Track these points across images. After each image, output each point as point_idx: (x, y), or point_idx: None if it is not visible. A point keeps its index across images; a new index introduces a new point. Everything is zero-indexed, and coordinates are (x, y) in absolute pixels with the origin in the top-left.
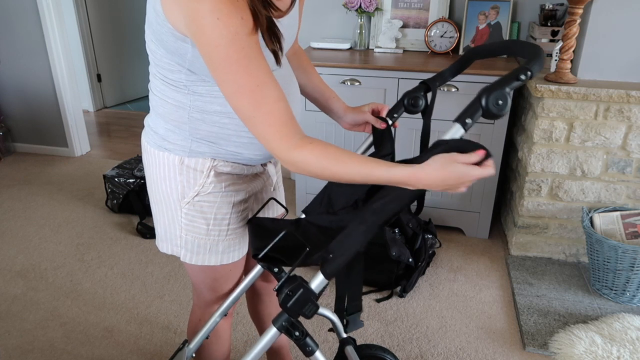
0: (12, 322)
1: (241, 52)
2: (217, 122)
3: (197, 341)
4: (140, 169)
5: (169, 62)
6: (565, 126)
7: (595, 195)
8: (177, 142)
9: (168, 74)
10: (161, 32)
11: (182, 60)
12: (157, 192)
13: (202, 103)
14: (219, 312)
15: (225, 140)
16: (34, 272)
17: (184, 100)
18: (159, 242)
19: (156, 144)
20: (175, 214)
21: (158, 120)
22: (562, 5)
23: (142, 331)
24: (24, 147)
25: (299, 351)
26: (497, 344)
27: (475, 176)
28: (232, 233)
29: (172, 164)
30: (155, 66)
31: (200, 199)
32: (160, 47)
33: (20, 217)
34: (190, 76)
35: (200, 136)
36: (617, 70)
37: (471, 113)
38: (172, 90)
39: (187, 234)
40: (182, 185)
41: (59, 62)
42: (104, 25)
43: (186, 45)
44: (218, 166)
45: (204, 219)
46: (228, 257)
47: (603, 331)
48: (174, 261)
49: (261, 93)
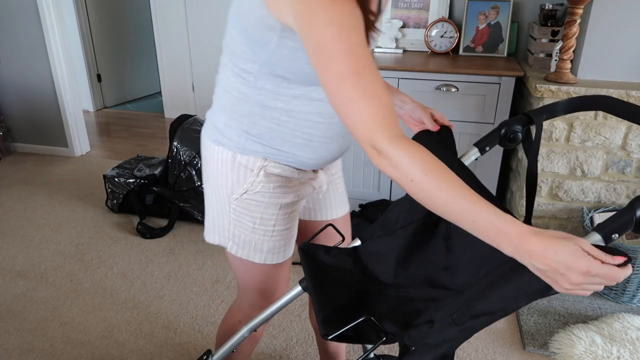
0: (12, 322)
1: (352, 31)
2: (276, 118)
3: (222, 353)
4: (140, 169)
5: (246, 51)
6: (565, 126)
7: (596, 195)
8: (233, 137)
9: (240, 62)
10: (250, 18)
11: (262, 50)
12: (209, 185)
13: (265, 98)
14: (247, 327)
15: (281, 139)
16: (34, 272)
17: (248, 93)
18: (207, 234)
19: (212, 138)
20: (224, 207)
21: (219, 113)
22: (562, 5)
23: (142, 331)
24: (24, 147)
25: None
26: (497, 344)
27: (592, 268)
28: (277, 235)
29: (224, 159)
30: (229, 54)
31: (248, 197)
32: (242, 34)
33: (20, 217)
34: (262, 68)
35: (256, 132)
36: (617, 70)
37: (619, 226)
38: (239, 81)
39: (234, 228)
40: (232, 182)
41: (59, 62)
42: (104, 25)
43: (272, 35)
44: (268, 167)
45: (250, 217)
46: (272, 257)
47: (603, 331)
48: (174, 261)
49: (368, 76)
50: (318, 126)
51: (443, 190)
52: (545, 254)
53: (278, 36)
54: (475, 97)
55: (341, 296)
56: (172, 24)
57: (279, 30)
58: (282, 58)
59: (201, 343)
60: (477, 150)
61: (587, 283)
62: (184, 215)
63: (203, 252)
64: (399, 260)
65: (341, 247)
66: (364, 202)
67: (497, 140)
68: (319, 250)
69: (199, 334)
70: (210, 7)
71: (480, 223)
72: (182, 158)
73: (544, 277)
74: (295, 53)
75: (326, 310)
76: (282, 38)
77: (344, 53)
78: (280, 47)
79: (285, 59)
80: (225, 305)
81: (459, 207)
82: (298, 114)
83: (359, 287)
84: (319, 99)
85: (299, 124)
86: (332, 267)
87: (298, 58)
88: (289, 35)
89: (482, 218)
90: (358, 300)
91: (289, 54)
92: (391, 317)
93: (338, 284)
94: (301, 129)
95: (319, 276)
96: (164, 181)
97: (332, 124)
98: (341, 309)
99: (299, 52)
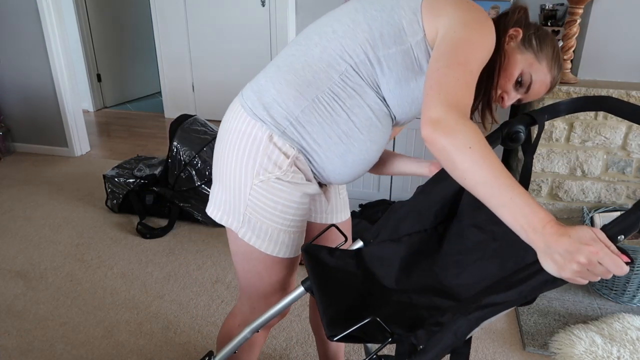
0: (12, 322)
1: (486, 49)
2: (335, 113)
3: (224, 354)
4: (140, 169)
5: (367, 38)
6: (565, 126)
7: (596, 195)
8: (277, 117)
9: (350, 44)
10: (394, 13)
11: (385, 46)
12: (229, 162)
13: (340, 90)
14: (250, 328)
15: (323, 139)
16: (34, 272)
17: (326, 80)
18: (215, 210)
19: (252, 110)
20: (243, 188)
21: (273, 85)
22: (562, 5)
23: (142, 331)
24: (24, 147)
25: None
26: (497, 344)
27: (601, 251)
28: (294, 225)
29: (259, 137)
30: (336, 32)
31: (276, 181)
32: (376, 22)
33: (20, 217)
34: (364, 62)
35: (304, 121)
36: (617, 70)
37: (625, 227)
38: (323, 65)
39: (251, 213)
40: (263, 160)
41: (59, 62)
42: (104, 25)
43: (408, 39)
44: (297, 160)
45: (272, 202)
46: (285, 250)
47: (603, 331)
48: (174, 261)
49: (473, 83)
50: (363, 144)
51: (493, 165)
52: (562, 235)
53: (414, 43)
54: None
55: (345, 297)
56: (172, 24)
57: (419, 38)
58: (400, 62)
59: (201, 343)
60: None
61: (592, 267)
62: (184, 215)
63: (203, 252)
64: (402, 267)
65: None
66: (364, 202)
67: (499, 140)
68: (322, 251)
69: (199, 334)
70: (210, 7)
71: (518, 199)
72: (182, 158)
73: (552, 261)
74: (413, 65)
75: (331, 311)
76: (415, 47)
77: (475, 54)
78: (407, 53)
79: (402, 64)
80: (225, 305)
81: (502, 182)
82: (355, 121)
83: (362, 289)
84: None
85: (349, 131)
86: (335, 269)
87: (413, 70)
88: (422, 47)
89: (522, 196)
90: (362, 302)
91: (409, 62)
92: (395, 320)
93: (341, 285)
94: (348, 139)
95: (323, 277)
96: (164, 181)
97: (372, 149)
98: (345, 310)
99: (416, 66)
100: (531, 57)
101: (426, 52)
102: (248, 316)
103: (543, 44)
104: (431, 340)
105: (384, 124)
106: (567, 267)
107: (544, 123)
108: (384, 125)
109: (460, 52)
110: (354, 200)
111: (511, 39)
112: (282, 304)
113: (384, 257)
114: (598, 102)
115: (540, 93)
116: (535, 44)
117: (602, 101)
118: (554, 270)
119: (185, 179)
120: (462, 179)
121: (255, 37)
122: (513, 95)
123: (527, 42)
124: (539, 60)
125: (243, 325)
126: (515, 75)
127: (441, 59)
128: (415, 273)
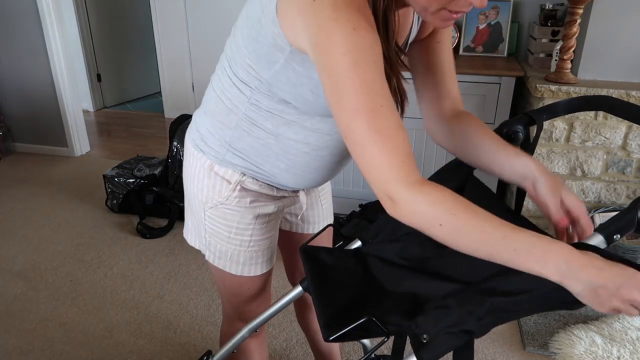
0: (12, 322)
1: (371, 66)
2: (262, 138)
3: (222, 353)
4: (140, 169)
5: (249, 63)
6: (565, 126)
7: (596, 195)
8: (214, 146)
9: (240, 72)
10: (259, 32)
11: (266, 67)
12: (187, 190)
13: (257, 115)
14: (248, 328)
15: (263, 159)
16: (34, 272)
17: (240, 106)
18: (187, 234)
19: (194, 142)
20: (200, 215)
21: (204, 117)
22: (562, 5)
23: (142, 331)
24: (24, 147)
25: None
26: (497, 344)
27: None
28: (254, 245)
29: (202, 167)
30: (230, 59)
31: (224, 207)
32: (249, 45)
33: (20, 217)
34: (262, 84)
35: (238, 147)
36: (617, 70)
37: (621, 226)
38: (234, 91)
39: (210, 237)
40: (208, 190)
41: (59, 62)
42: (104, 25)
43: (279, 56)
44: (246, 182)
45: (225, 227)
46: (249, 269)
47: (603, 331)
48: (174, 261)
49: (383, 115)
50: (303, 156)
51: (476, 226)
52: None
53: (285, 58)
54: (475, 97)
55: (343, 296)
56: (172, 24)
57: (288, 52)
58: (285, 80)
59: (201, 343)
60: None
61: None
62: (184, 216)
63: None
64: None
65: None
66: (364, 202)
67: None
68: (320, 251)
69: (199, 334)
70: (210, 7)
71: (522, 247)
72: (182, 158)
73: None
74: (299, 79)
75: (327, 312)
76: (290, 61)
77: (359, 89)
78: (285, 69)
79: (288, 82)
80: None
81: (495, 237)
82: (286, 139)
83: (361, 286)
84: (311, 129)
85: (284, 149)
86: (334, 268)
87: (302, 84)
88: (296, 59)
89: (523, 241)
90: (360, 299)
91: (294, 77)
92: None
93: (340, 283)
94: (286, 155)
95: (321, 277)
96: (164, 181)
97: (318, 156)
98: (343, 309)
99: (303, 78)
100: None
101: (303, 59)
102: (229, 325)
103: None
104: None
105: (319, 127)
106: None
107: (542, 123)
108: (320, 127)
109: (344, 101)
110: (353, 200)
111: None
112: (280, 304)
113: (383, 256)
114: (597, 102)
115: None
116: None
117: (601, 101)
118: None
119: None
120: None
121: None
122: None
123: None
124: None
125: (230, 335)
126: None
127: (337, 122)
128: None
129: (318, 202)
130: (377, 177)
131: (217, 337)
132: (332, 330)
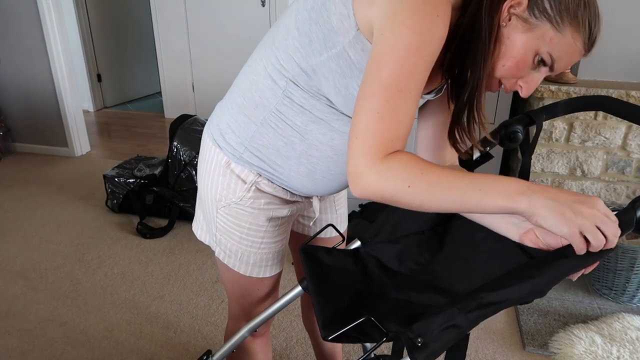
0: (12, 322)
1: (428, 56)
2: (287, 137)
3: (222, 353)
4: (140, 169)
5: (297, 48)
6: (565, 126)
7: (595, 195)
8: (232, 142)
9: (282, 58)
10: (322, 15)
11: (317, 53)
12: (200, 184)
13: (288, 109)
14: (247, 327)
15: (283, 160)
16: (34, 272)
17: (272, 99)
18: (197, 229)
19: (212, 137)
20: (212, 212)
21: (227, 111)
22: None
23: (142, 331)
24: (24, 147)
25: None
26: (497, 344)
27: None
28: (265, 247)
29: (218, 163)
30: (271, 43)
31: (237, 206)
32: (305, 26)
33: (20, 217)
34: (303, 73)
35: (259, 145)
36: (617, 70)
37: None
38: (268, 82)
39: (221, 235)
40: (222, 188)
41: (59, 62)
42: (104, 25)
43: (339, 41)
44: (261, 183)
45: (237, 227)
46: (259, 270)
47: (603, 331)
48: (174, 261)
49: (405, 100)
50: (326, 160)
51: (444, 179)
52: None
53: (344, 45)
54: None
55: (342, 296)
56: (172, 24)
57: (351, 36)
58: (335, 68)
59: (201, 343)
60: (476, 151)
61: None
62: (184, 215)
63: (203, 252)
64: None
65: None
66: (364, 202)
67: (497, 140)
68: (319, 251)
69: (199, 334)
70: (210, 7)
71: (486, 185)
72: (182, 158)
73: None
74: (351, 70)
75: (326, 311)
76: (348, 48)
77: (405, 68)
78: (339, 57)
79: (338, 71)
80: (225, 305)
81: (462, 184)
82: (312, 140)
83: (359, 287)
84: (338, 131)
85: (307, 150)
86: (333, 268)
87: (352, 76)
88: (357, 47)
89: (486, 180)
90: (359, 301)
91: (345, 67)
92: (392, 317)
93: (339, 284)
94: (308, 158)
95: (320, 276)
96: (164, 181)
97: (340, 161)
98: (342, 310)
99: (355, 70)
100: (547, 29)
101: (363, 50)
102: (234, 324)
103: (561, 3)
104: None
105: (346, 129)
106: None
107: (542, 123)
108: (347, 130)
109: (385, 70)
110: (354, 200)
111: (511, 14)
112: (280, 304)
113: (381, 257)
114: (597, 102)
115: (570, 64)
116: (550, 7)
117: (600, 101)
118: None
119: (185, 179)
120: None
121: (255, 37)
122: (534, 78)
123: (538, 8)
124: (560, 29)
125: (233, 330)
126: (529, 61)
127: (364, 85)
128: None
129: (333, 206)
130: (360, 147)
131: (217, 337)
132: (331, 329)
